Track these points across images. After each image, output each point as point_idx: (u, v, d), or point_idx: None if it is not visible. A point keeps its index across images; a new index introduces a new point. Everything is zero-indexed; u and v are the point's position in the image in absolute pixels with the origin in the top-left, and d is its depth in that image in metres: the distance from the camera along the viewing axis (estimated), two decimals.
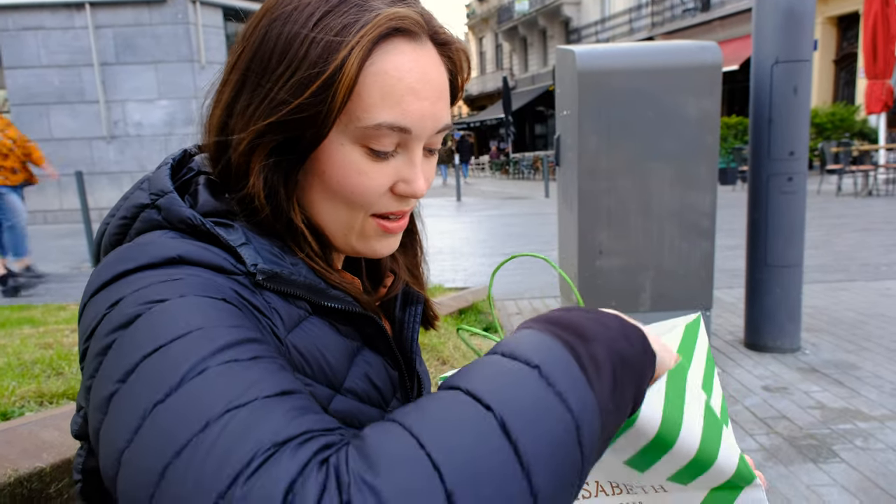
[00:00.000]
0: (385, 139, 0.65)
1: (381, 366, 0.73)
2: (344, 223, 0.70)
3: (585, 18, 30.77)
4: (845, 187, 12.96)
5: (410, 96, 0.64)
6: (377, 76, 0.63)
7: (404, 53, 0.65)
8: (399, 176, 0.68)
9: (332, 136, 0.65)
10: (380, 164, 0.67)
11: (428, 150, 0.71)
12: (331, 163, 0.66)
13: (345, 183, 0.66)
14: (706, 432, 0.57)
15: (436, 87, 0.67)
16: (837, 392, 3.25)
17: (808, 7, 3.55)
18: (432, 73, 0.67)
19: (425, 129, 0.67)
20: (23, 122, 12.34)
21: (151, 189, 0.65)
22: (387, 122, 0.64)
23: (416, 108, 0.65)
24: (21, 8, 11.97)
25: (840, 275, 5.86)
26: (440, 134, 0.70)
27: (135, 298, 0.52)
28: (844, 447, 2.67)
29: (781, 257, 3.77)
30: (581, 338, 0.49)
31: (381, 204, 0.69)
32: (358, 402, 0.67)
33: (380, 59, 0.63)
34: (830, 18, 18.87)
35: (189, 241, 0.59)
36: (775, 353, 3.84)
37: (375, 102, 0.63)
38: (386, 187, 0.68)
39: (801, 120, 3.66)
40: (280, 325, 0.60)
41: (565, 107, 3.80)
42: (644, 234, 3.67)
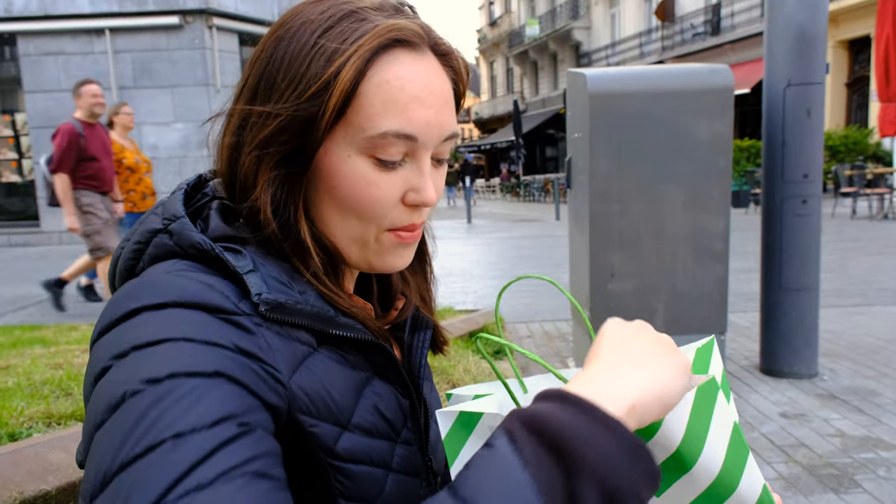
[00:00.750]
0: (392, 148, 0.65)
1: (391, 395, 0.71)
2: (357, 238, 0.69)
3: (596, 43, 31.03)
4: (860, 210, 12.84)
5: (415, 104, 0.65)
6: (380, 86, 0.64)
7: (405, 64, 0.65)
8: (409, 185, 0.68)
9: (338, 148, 0.66)
10: (388, 174, 0.67)
11: (436, 159, 0.71)
12: (340, 176, 0.66)
13: (354, 194, 0.66)
14: (730, 456, 0.54)
15: (440, 95, 0.67)
16: (858, 420, 3.17)
17: (821, 30, 3.54)
18: (435, 81, 0.67)
19: (431, 137, 0.67)
20: (41, 144, 12.56)
21: (164, 214, 0.66)
22: (392, 130, 0.64)
23: (422, 116, 0.65)
24: (43, 34, 12.25)
25: (857, 299, 5.77)
26: (447, 143, 0.70)
27: (129, 367, 0.51)
28: (866, 477, 2.60)
29: (796, 280, 3.72)
30: (569, 469, 0.42)
31: (393, 216, 0.68)
32: (367, 437, 0.66)
33: (381, 69, 0.64)
34: (842, 42, 18.90)
35: (193, 275, 0.59)
36: (792, 379, 3.76)
37: (379, 112, 0.64)
38: (396, 197, 0.68)
39: (815, 142, 3.64)
40: (283, 367, 0.59)
41: (576, 129, 3.80)
42: (657, 257, 3.64)
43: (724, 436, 0.55)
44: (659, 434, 0.52)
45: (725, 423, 0.55)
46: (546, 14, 35.48)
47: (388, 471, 0.69)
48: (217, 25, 12.42)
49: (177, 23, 12.16)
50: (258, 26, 12.53)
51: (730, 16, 22.17)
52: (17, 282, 8.39)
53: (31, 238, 12.98)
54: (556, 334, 4.96)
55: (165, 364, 0.50)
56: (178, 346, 0.52)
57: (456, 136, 0.71)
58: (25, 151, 13.31)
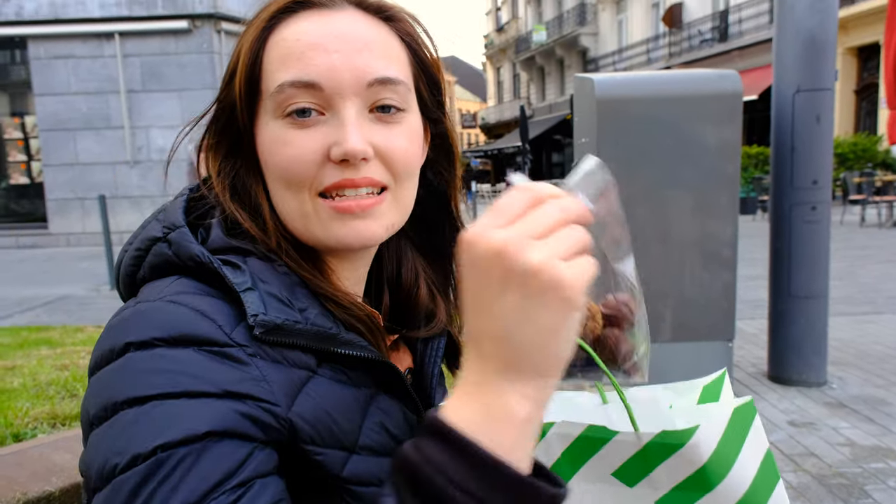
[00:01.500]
0: (295, 99, 0.62)
1: (397, 411, 0.68)
2: (296, 209, 0.66)
3: (603, 49, 31.04)
4: (869, 218, 12.76)
5: (312, 52, 0.62)
6: (276, 45, 0.64)
7: (307, 20, 0.64)
8: (329, 140, 0.63)
9: (262, 121, 0.65)
10: (304, 132, 0.63)
11: (378, 109, 0.65)
12: (265, 146, 0.66)
13: (274, 160, 0.65)
14: (758, 481, 0.53)
15: (354, 39, 0.64)
16: (868, 429, 3.13)
17: (830, 35, 3.53)
18: (350, 29, 0.64)
19: (343, 82, 0.62)
20: (51, 147, 12.64)
21: (165, 222, 0.65)
22: (287, 80, 0.62)
23: (322, 62, 0.62)
24: (54, 38, 12.35)
25: (866, 307, 5.72)
26: (380, 88, 0.64)
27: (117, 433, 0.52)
28: (877, 487, 2.56)
29: (805, 288, 3.69)
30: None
31: (322, 177, 0.63)
32: (375, 457, 0.64)
33: (280, 31, 0.64)
34: (851, 49, 18.84)
35: (187, 300, 0.58)
36: (800, 387, 3.73)
37: (276, 68, 0.63)
38: (317, 154, 0.63)
39: (825, 148, 3.61)
40: (281, 398, 0.57)
41: (583, 134, 3.79)
42: (664, 263, 3.61)
43: (755, 460, 0.54)
44: (687, 447, 0.51)
45: (758, 448, 0.54)
46: (553, 20, 35.51)
47: None
48: (225, 30, 12.48)
49: (185, 27, 12.24)
50: None
51: (737, 22, 22.14)
52: (25, 283, 8.44)
53: (39, 240, 13.04)
54: None
55: (151, 434, 0.50)
56: (163, 408, 0.51)
57: (393, 83, 0.65)
58: (35, 154, 13.40)
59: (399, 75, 0.66)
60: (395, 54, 0.67)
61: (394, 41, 0.67)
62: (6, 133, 13.58)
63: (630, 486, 0.61)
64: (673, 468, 0.55)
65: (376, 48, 0.65)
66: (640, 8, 28.18)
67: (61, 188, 12.77)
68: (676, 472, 0.54)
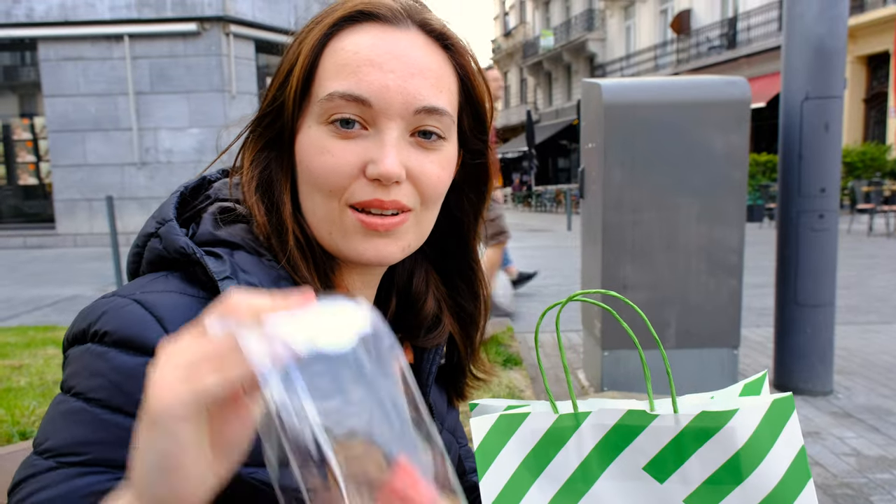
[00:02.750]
0: (342, 110, 0.63)
1: None
2: (323, 216, 0.66)
3: (610, 54, 31.04)
4: (877, 227, 12.69)
5: (368, 67, 0.63)
6: (334, 53, 0.64)
7: (368, 33, 0.65)
8: (368, 156, 0.64)
9: (305, 123, 0.66)
10: (345, 143, 0.64)
11: (421, 134, 0.66)
12: (303, 149, 0.66)
13: (311, 165, 0.65)
14: (788, 477, 0.54)
15: (410, 63, 0.64)
16: (873, 439, 3.11)
17: (840, 43, 3.51)
18: (408, 51, 0.64)
19: (392, 104, 0.63)
20: (59, 148, 12.72)
21: (158, 217, 0.67)
22: (338, 91, 0.63)
23: (376, 79, 0.63)
24: (63, 39, 12.44)
25: (873, 316, 5.68)
26: (426, 116, 0.65)
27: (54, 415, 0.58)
28: (883, 498, 2.54)
29: (812, 296, 3.67)
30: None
31: (354, 190, 0.64)
32: None
33: (340, 39, 0.65)
34: (860, 57, 18.78)
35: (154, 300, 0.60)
36: (806, 396, 3.70)
37: (330, 76, 0.64)
38: (353, 167, 0.64)
39: (833, 156, 3.60)
40: None
41: (590, 139, 3.79)
42: (670, 270, 3.61)
43: (788, 455, 0.54)
44: (723, 431, 0.52)
45: (792, 443, 0.55)
46: (561, 25, 35.55)
47: None
48: (234, 32, 12.55)
49: (194, 29, 12.31)
50: (274, 34, 12.64)
51: (746, 29, 22.11)
52: (33, 283, 8.48)
53: (47, 240, 13.12)
54: (566, 345, 4.92)
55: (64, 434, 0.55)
56: (80, 415, 0.55)
57: (439, 113, 0.65)
58: (43, 155, 13.48)
59: (446, 106, 0.67)
60: (446, 84, 0.67)
61: (447, 70, 0.68)
62: (15, 134, 13.67)
63: (661, 481, 0.61)
64: (706, 457, 0.55)
65: (430, 75, 0.65)
66: (648, 14, 28.17)
67: (69, 189, 12.85)
68: (709, 463, 0.55)
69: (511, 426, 0.63)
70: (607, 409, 0.63)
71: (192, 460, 0.38)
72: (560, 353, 0.72)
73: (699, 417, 0.58)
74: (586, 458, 0.64)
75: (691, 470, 0.57)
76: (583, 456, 0.64)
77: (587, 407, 0.64)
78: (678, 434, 0.59)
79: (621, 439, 0.63)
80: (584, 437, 0.64)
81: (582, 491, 0.63)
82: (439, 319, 0.80)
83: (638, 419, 0.61)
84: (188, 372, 0.37)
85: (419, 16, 0.67)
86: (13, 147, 13.73)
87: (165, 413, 0.37)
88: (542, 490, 0.63)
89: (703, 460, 0.56)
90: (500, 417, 0.63)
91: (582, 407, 0.65)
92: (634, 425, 0.62)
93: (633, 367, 3.63)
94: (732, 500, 0.56)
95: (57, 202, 12.98)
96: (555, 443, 0.63)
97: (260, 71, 13.26)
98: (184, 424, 0.37)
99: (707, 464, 0.56)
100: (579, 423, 0.63)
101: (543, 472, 0.63)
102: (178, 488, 0.38)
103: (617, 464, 0.63)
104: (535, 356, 4.54)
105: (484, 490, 0.61)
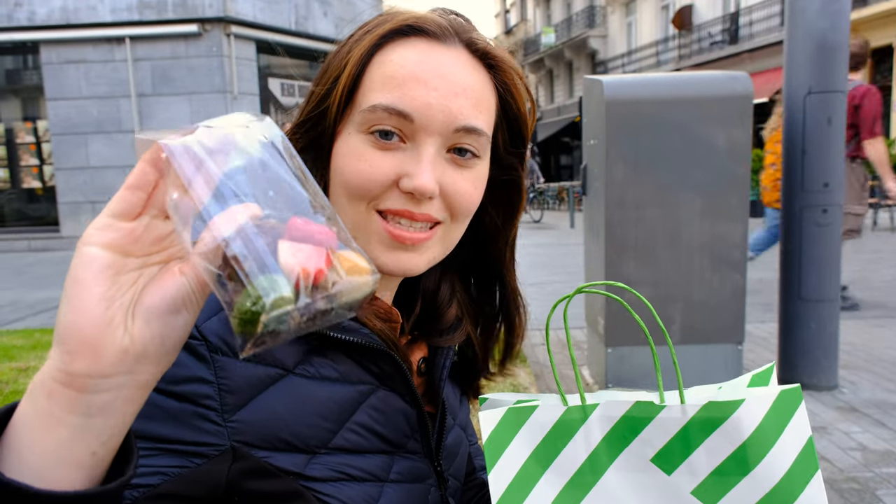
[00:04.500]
0: (383, 122, 0.64)
1: (395, 408, 0.69)
2: (351, 219, 0.67)
3: (612, 51, 30.97)
4: (881, 222, 12.64)
5: (413, 83, 0.64)
6: (381, 65, 0.65)
7: (415, 48, 0.65)
8: (403, 169, 0.65)
9: (345, 129, 0.67)
10: (382, 154, 0.65)
11: (455, 152, 0.67)
12: (340, 154, 0.67)
13: (346, 170, 0.66)
14: (796, 468, 0.54)
15: (454, 82, 0.65)
16: (879, 433, 3.10)
17: (843, 37, 3.50)
18: (452, 70, 0.65)
19: (433, 121, 0.64)
20: (62, 151, 12.75)
21: None
22: (382, 103, 0.63)
23: (420, 96, 0.64)
24: (65, 42, 12.47)
25: (878, 311, 5.67)
26: (464, 136, 0.66)
27: None
28: (889, 492, 2.54)
29: (816, 291, 3.66)
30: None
31: (384, 199, 0.66)
32: (349, 456, 0.65)
33: (388, 51, 0.65)
34: None
35: None
36: (811, 391, 3.69)
37: (375, 87, 0.65)
38: (387, 178, 0.65)
39: (836, 151, 3.58)
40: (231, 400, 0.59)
41: (592, 136, 3.78)
42: (673, 266, 3.60)
43: (796, 446, 0.54)
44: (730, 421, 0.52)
45: (800, 434, 0.55)
46: (562, 22, 35.48)
47: (383, 482, 0.68)
48: (235, 33, 12.56)
49: (195, 31, 12.32)
50: (276, 34, 12.65)
51: (748, 24, 22.02)
52: (38, 286, 8.51)
53: (51, 243, 13.15)
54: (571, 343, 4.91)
55: None
56: None
57: (477, 133, 0.67)
58: (46, 158, 13.51)
59: (484, 126, 0.68)
60: (486, 104, 0.68)
61: (489, 90, 0.69)
62: (19, 137, 13.70)
63: (668, 473, 0.61)
64: (713, 448, 0.55)
65: (472, 95, 0.66)
66: (650, 10, 28.09)
67: (73, 192, 12.88)
68: (716, 453, 0.55)
69: (520, 419, 0.63)
70: (615, 401, 0.63)
71: (96, 285, 0.40)
72: (568, 346, 0.72)
73: (706, 408, 0.58)
74: (594, 450, 0.64)
75: (698, 461, 0.58)
76: (591, 448, 0.64)
77: (595, 399, 0.64)
78: (685, 425, 0.60)
79: (629, 431, 0.63)
80: (593, 430, 0.64)
81: (590, 483, 0.63)
82: (460, 322, 0.82)
83: (645, 410, 0.62)
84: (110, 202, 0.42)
85: (465, 35, 0.68)
86: (16, 150, 13.76)
87: (81, 240, 0.42)
88: (550, 483, 0.63)
89: (710, 451, 0.56)
90: (509, 411, 0.63)
91: (590, 399, 0.65)
92: (642, 416, 0.62)
93: (637, 363, 3.63)
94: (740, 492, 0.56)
95: (61, 205, 13.02)
96: (563, 435, 0.64)
97: (261, 71, 13.27)
98: (90, 248, 0.41)
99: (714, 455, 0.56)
100: (587, 415, 0.64)
101: (552, 465, 0.63)
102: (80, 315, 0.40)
103: (625, 456, 0.63)
104: (538, 354, 4.54)
105: (493, 483, 0.62)
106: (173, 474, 0.55)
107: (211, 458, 0.57)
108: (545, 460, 0.64)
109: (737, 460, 0.55)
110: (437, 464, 0.76)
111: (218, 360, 0.58)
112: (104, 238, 0.41)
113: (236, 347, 0.42)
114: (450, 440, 0.80)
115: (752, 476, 0.54)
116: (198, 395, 0.57)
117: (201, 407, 0.57)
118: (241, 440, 0.59)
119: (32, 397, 0.41)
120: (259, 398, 0.60)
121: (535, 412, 0.63)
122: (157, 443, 0.55)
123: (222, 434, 0.58)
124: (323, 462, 0.63)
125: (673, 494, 0.61)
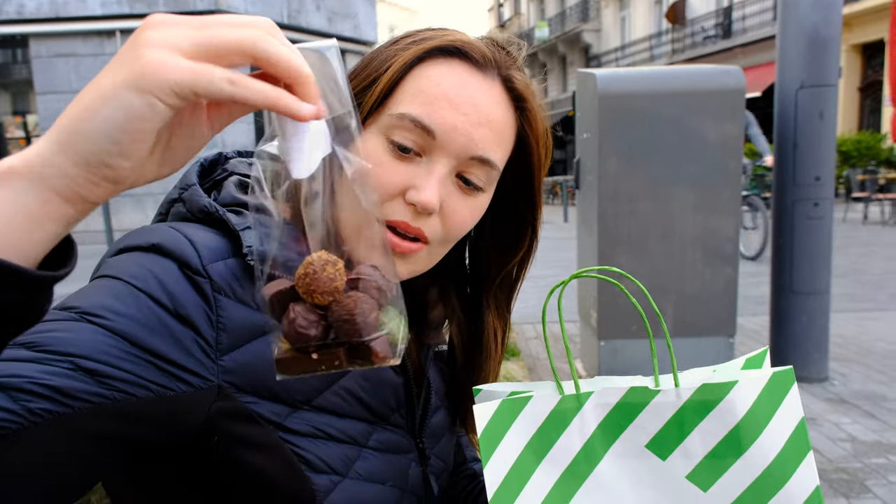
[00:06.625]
0: (406, 133, 0.66)
1: (382, 381, 0.72)
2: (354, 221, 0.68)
3: (605, 45, 30.97)
4: (872, 215, 12.72)
5: (444, 102, 0.66)
6: (418, 78, 0.67)
7: (455, 70, 0.67)
8: (413, 181, 0.67)
9: (369, 129, 0.68)
10: (397, 163, 0.67)
11: (462, 179, 0.69)
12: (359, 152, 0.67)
13: None
14: (788, 448, 0.55)
15: (483, 113, 0.67)
16: (868, 424, 3.13)
17: (835, 31, 3.51)
18: (483, 101, 0.68)
19: (454, 143, 0.66)
20: None
21: (180, 184, 0.72)
22: (410, 114, 0.65)
23: (448, 116, 0.66)
24: (55, 36, 12.36)
25: (868, 304, 5.71)
26: (476, 165, 0.69)
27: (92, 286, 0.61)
28: (878, 482, 2.57)
29: (807, 284, 3.68)
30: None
31: (388, 208, 0.67)
32: (329, 416, 0.67)
33: (428, 67, 0.67)
34: (855, 46, 18.77)
35: (184, 229, 0.63)
36: (802, 383, 3.72)
37: (408, 97, 0.66)
38: (397, 187, 0.67)
39: (828, 145, 3.60)
40: (225, 340, 0.60)
41: (585, 130, 3.79)
42: (665, 259, 3.61)
43: (788, 426, 0.55)
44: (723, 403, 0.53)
45: (791, 417, 0.56)
46: (556, 16, 35.45)
47: (361, 447, 0.70)
48: None
49: None
50: None
51: (741, 19, 22.07)
52: None
53: None
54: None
55: (93, 300, 0.57)
56: (115, 288, 0.58)
57: (489, 165, 0.69)
58: None
59: (498, 161, 0.71)
60: (505, 142, 0.71)
61: (511, 130, 0.72)
62: (8, 132, 13.60)
63: (663, 458, 0.62)
64: (707, 431, 0.56)
65: (495, 129, 0.69)
66: (644, 4, 28.10)
67: None
68: (710, 436, 0.56)
69: (514, 411, 0.63)
70: (610, 388, 0.64)
71: (149, 137, 0.40)
72: (563, 335, 0.72)
73: (700, 390, 0.59)
74: (589, 438, 0.64)
75: (693, 445, 0.58)
76: (586, 437, 0.64)
77: (590, 386, 0.65)
78: (679, 409, 0.60)
79: (623, 417, 0.63)
80: (587, 418, 0.64)
81: (585, 473, 0.64)
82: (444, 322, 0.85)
83: (640, 396, 0.62)
84: (197, 64, 0.41)
85: (505, 71, 0.70)
86: (6, 145, 13.65)
87: (158, 84, 0.39)
88: (546, 473, 0.64)
89: (704, 434, 0.57)
90: (503, 402, 0.63)
91: (585, 387, 0.65)
92: (637, 402, 0.63)
93: (629, 356, 3.64)
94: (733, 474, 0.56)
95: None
96: (558, 425, 0.64)
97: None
98: (165, 103, 0.40)
99: (708, 438, 0.57)
100: (581, 403, 0.64)
101: (547, 456, 0.64)
102: (123, 155, 0.40)
103: (620, 443, 0.64)
104: (531, 347, 4.55)
105: (488, 476, 0.62)
106: (157, 392, 0.55)
107: (197, 389, 0.58)
108: (540, 451, 0.64)
109: (730, 442, 0.56)
110: (420, 440, 0.77)
111: (219, 299, 0.60)
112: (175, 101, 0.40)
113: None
114: (434, 420, 0.81)
115: (746, 458, 0.55)
116: (199, 325, 0.59)
117: (200, 337, 0.59)
118: (229, 381, 0.60)
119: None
120: (253, 343, 0.62)
121: (529, 403, 0.63)
122: (153, 356, 0.56)
123: (213, 370, 0.59)
124: (304, 418, 0.65)
125: (668, 480, 0.61)
